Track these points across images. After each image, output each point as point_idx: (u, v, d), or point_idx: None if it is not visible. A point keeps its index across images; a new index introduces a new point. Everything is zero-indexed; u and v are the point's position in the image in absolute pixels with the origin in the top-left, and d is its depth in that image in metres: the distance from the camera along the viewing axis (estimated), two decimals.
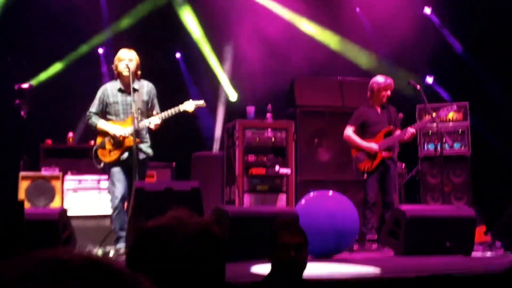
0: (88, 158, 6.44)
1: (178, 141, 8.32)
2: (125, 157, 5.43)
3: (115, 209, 5.38)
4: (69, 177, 6.87)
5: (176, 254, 1.20)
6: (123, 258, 4.85)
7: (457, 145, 7.64)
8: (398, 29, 8.21)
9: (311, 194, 5.74)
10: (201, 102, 5.58)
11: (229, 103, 9.30)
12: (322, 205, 5.49)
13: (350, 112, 6.74)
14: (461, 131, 7.73)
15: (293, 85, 7.71)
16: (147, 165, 5.68)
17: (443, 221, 5.50)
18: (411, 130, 6.35)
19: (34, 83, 8.19)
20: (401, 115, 6.89)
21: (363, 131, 6.47)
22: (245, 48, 8.58)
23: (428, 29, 8.88)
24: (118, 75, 5.55)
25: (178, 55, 9.70)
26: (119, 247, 5.34)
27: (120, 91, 5.53)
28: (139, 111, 5.40)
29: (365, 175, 6.32)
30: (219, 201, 7.29)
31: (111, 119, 5.54)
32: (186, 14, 9.30)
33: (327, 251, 5.26)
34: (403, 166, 7.66)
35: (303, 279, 2.95)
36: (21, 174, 6.78)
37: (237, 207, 6.60)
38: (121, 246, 5.30)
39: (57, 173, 6.85)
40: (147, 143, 5.58)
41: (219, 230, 1.30)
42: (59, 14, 8.11)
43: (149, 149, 5.57)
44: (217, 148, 8.82)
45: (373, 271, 4.31)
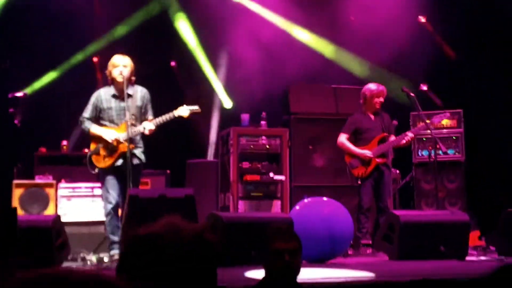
0: (82, 165, 6.43)
1: (172, 149, 8.32)
2: (119, 163, 5.42)
3: (108, 215, 5.37)
4: (63, 184, 6.85)
5: (169, 259, 1.20)
6: None
7: (451, 151, 7.66)
8: (392, 37, 8.24)
9: (306, 200, 5.74)
10: (195, 107, 5.57)
11: (224, 110, 9.30)
12: (316, 210, 5.50)
13: (344, 119, 6.76)
14: (455, 137, 7.75)
15: (287, 92, 7.73)
16: (141, 170, 5.66)
17: (437, 226, 5.51)
18: (410, 134, 6.39)
19: (28, 91, 8.17)
20: (395, 122, 6.92)
21: (356, 138, 6.49)
22: (240, 55, 8.59)
23: (422, 37, 8.92)
24: (112, 81, 5.55)
25: (172, 64, 9.70)
26: (113, 253, 5.32)
27: (114, 97, 5.52)
28: (133, 117, 5.40)
29: (359, 181, 6.34)
30: (214, 208, 7.27)
31: (105, 125, 5.52)
32: (181, 22, 9.32)
33: (322, 256, 5.26)
34: (397, 172, 7.67)
35: (298, 283, 2.95)
36: (15, 181, 6.76)
37: (231, 213, 6.59)
38: (115, 252, 5.29)
39: (51, 181, 6.84)
40: (141, 149, 5.57)
41: (213, 236, 1.30)
42: (54, 23, 8.12)
43: (142, 154, 5.56)
44: (211, 155, 8.81)
45: (367, 275, 4.31)
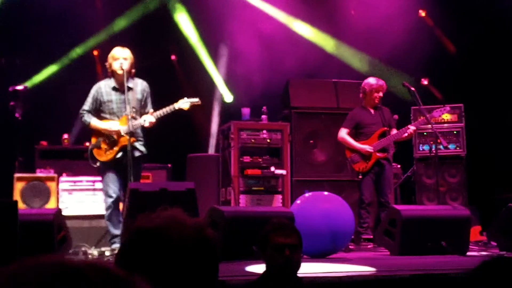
0: (83, 159, 6.43)
1: (174, 143, 8.31)
2: (121, 156, 5.41)
3: (109, 208, 5.37)
4: (64, 178, 6.86)
5: (168, 255, 1.20)
6: None
7: (452, 146, 7.66)
8: (392, 31, 8.23)
9: (307, 194, 5.74)
10: (196, 100, 5.55)
11: (225, 104, 9.29)
12: (317, 205, 5.49)
13: (344, 113, 6.75)
14: (456, 132, 7.75)
15: (288, 86, 7.71)
16: (142, 163, 5.65)
17: (438, 221, 5.50)
18: (412, 127, 6.38)
19: (29, 85, 8.16)
20: (396, 117, 6.91)
21: (357, 132, 6.49)
22: (240, 49, 8.58)
23: (422, 31, 8.91)
24: (112, 74, 5.53)
25: (173, 57, 9.69)
26: (114, 247, 5.33)
27: (114, 89, 5.50)
28: (134, 110, 5.39)
29: (360, 176, 6.34)
30: (215, 202, 7.26)
31: (105, 117, 5.51)
32: (181, 16, 9.30)
33: (323, 251, 5.26)
34: (398, 167, 7.67)
35: (299, 277, 2.96)
36: (16, 175, 6.77)
37: (232, 208, 6.58)
38: (117, 246, 5.29)
39: (52, 174, 6.85)
40: (142, 141, 5.55)
41: (213, 232, 1.30)
42: (54, 16, 8.10)
43: (143, 147, 5.55)
44: (212, 149, 8.81)
45: (368, 270, 4.31)
